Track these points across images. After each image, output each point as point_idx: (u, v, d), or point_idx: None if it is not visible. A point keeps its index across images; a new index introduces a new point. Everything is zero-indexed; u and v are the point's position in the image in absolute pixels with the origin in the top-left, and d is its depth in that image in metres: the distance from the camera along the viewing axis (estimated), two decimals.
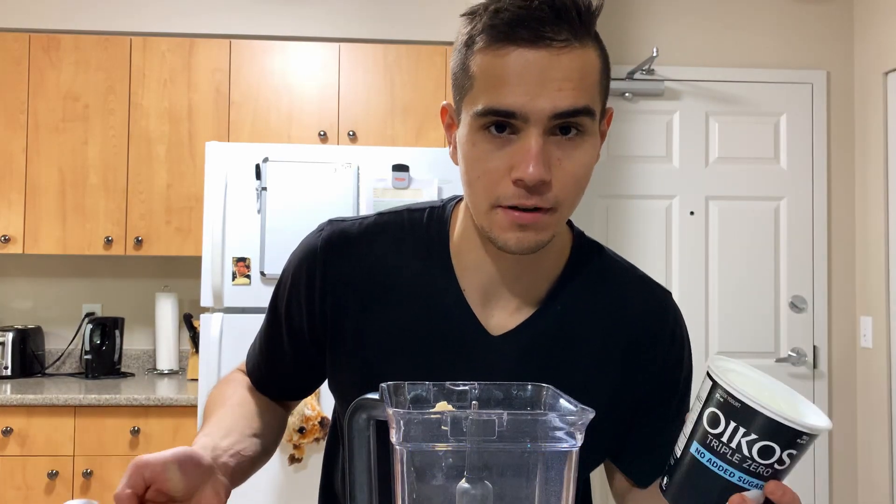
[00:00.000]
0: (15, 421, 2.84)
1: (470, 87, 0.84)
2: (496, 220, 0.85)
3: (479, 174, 0.85)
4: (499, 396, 0.83)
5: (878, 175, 3.19)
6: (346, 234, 0.98)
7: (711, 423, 0.74)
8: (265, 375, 1.07)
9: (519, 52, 0.80)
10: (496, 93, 0.81)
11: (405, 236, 0.97)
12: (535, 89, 0.80)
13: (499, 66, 0.81)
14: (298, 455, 2.62)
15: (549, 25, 0.80)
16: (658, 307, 0.99)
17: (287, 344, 1.02)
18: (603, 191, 3.25)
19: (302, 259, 0.99)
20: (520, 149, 0.81)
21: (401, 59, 3.29)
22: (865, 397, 3.25)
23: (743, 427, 0.72)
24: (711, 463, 0.74)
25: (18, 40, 3.21)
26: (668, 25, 3.34)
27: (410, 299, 0.95)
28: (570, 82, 0.81)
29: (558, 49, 0.80)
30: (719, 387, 0.74)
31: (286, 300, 1.01)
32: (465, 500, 0.68)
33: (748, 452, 0.73)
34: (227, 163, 2.72)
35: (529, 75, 0.80)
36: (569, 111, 0.81)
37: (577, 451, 0.70)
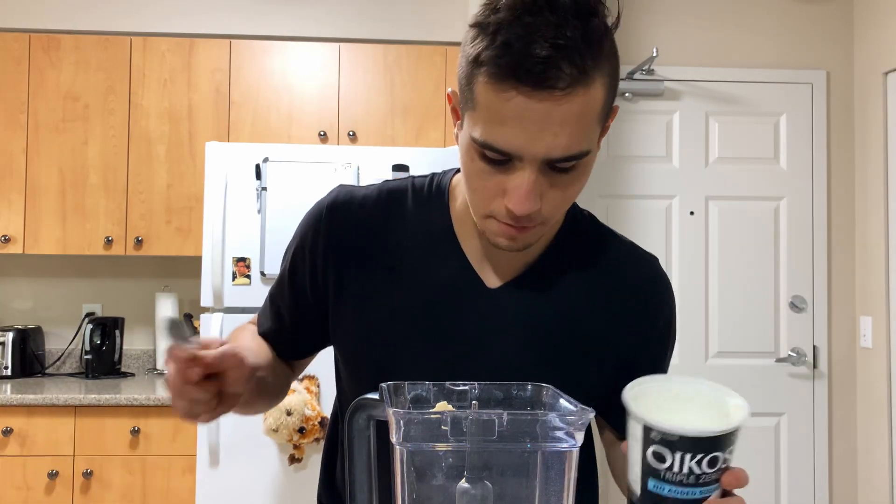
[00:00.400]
0: (15, 421, 2.84)
1: (472, 107, 0.85)
2: (489, 226, 0.91)
3: (475, 186, 0.89)
4: (499, 396, 0.83)
5: (878, 175, 3.19)
6: (352, 196, 1.03)
7: (658, 460, 0.75)
8: (273, 331, 1.10)
9: (519, 98, 0.79)
10: (494, 131, 0.82)
11: (408, 200, 1.02)
12: (531, 135, 0.81)
13: (499, 106, 0.81)
14: (298, 455, 2.62)
15: (554, 69, 0.78)
16: (648, 272, 1.04)
17: (292, 300, 1.06)
18: (603, 191, 3.25)
19: (310, 219, 1.04)
20: (513, 181, 0.84)
21: (401, 59, 3.29)
22: (865, 397, 3.25)
23: (689, 454, 0.74)
24: (672, 493, 0.76)
25: (18, 40, 3.21)
26: (668, 25, 3.34)
27: (412, 257, 0.99)
28: (568, 127, 0.81)
29: (560, 97, 0.79)
30: (652, 428, 0.75)
31: (292, 258, 1.05)
32: (465, 500, 0.68)
33: (699, 470, 0.76)
34: (227, 163, 2.72)
35: (527, 121, 0.80)
36: (561, 158, 0.83)
37: (577, 451, 0.70)
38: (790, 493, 3.27)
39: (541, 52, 0.78)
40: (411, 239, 0.99)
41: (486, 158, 0.85)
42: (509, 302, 0.97)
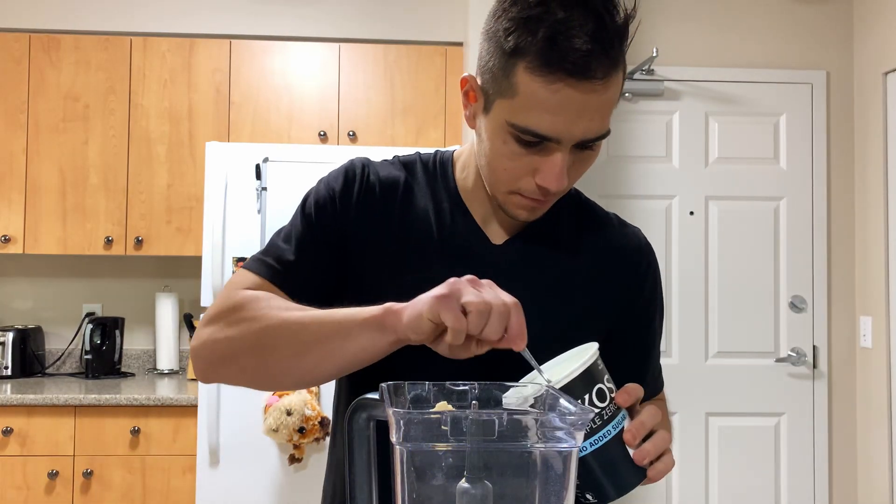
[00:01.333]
0: (15, 421, 2.84)
1: (511, 94, 0.90)
2: (513, 200, 0.99)
3: (505, 167, 0.95)
4: (499, 396, 0.83)
5: (878, 175, 3.19)
6: (372, 162, 1.10)
7: None
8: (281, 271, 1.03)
9: (565, 89, 0.87)
10: (536, 117, 0.89)
11: (417, 169, 1.10)
12: (572, 120, 0.89)
13: (545, 95, 0.88)
14: (298, 455, 2.63)
15: (595, 61, 0.86)
16: (636, 240, 1.13)
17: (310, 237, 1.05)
18: (603, 191, 3.25)
19: (339, 172, 1.08)
20: (547, 162, 0.93)
21: (401, 59, 3.29)
22: (865, 397, 3.25)
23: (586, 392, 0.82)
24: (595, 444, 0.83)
25: (18, 40, 3.21)
26: (668, 25, 3.34)
27: (423, 213, 1.06)
28: (601, 113, 0.90)
29: (598, 86, 0.88)
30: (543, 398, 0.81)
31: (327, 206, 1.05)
32: (465, 500, 0.68)
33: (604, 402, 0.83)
34: (227, 163, 2.72)
35: (569, 109, 0.88)
36: (593, 139, 0.92)
37: (576, 450, 0.70)
38: (790, 493, 3.27)
39: (583, 45, 0.85)
40: (423, 202, 1.06)
41: (520, 141, 0.92)
42: (511, 254, 1.05)
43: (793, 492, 3.27)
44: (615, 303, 1.08)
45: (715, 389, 3.27)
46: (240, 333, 0.95)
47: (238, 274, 1.05)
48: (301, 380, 0.95)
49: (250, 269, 1.04)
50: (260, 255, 1.06)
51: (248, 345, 0.94)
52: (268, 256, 1.05)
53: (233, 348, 0.96)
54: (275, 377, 0.96)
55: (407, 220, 1.05)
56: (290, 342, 0.91)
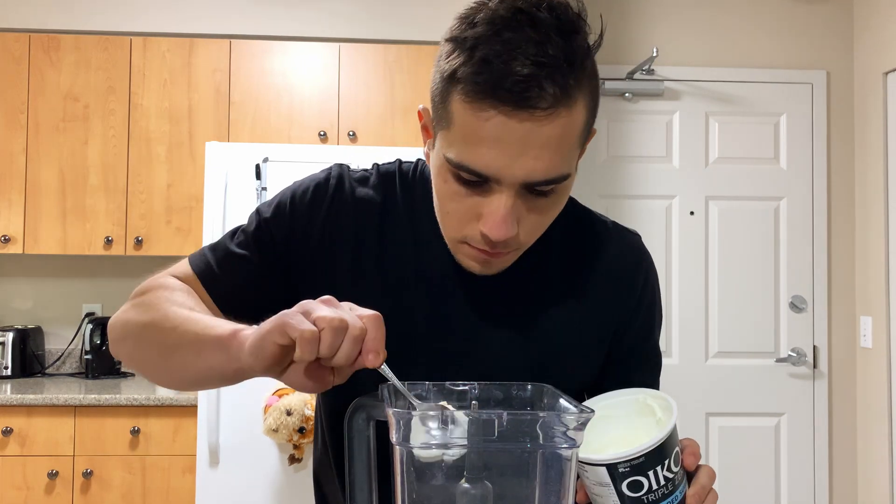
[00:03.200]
0: (15, 421, 2.84)
1: (446, 125, 0.81)
2: (462, 250, 0.88)
3: (448, 209, 0.85)
4: (498, 396, 0.83)
5: (878, 175, 3.19)
6: (353, 174, 1.00)
7: (635, 489, 0.76)
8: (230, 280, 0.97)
9: (499, 118, 0.76)
10: (470, 151, 0.78)
11: (396, 187, 0.99)
12: (511, 157, 0.77)
13: (477, 126, 0.77)
14: (298, 455, 2.63)
15: (535, 88, 0.74)
16: (633, 249, 1.03)
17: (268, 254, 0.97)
18: (603, 191, 3.25)
19: (310, 186, 0.98)
20: (489, 205, 0.81)
21: (401, 59, 3.29)
22: (865, 397, 3.25)
23: (658, 465, 0.76)
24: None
25: (18, 40, 3.21)
26: (668, 25, 3.34)
27: (398, 238, 0.96)
28: (548, 151, 0.78)
29: (541, 118, 0.76)
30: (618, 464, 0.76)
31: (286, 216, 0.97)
32: (464, 500, 0.68)
33: (671, 473, 0.77)
34: (227, 163, 2.72)
35: (506, 142, 0.76)
36: (541, 181, 0.80)
37: (576, 451, 0.70)
38: (790, 493, 3.27)
39: (522, 69, 0.74)
40: (398, 226, 0.97)
41: (460, 180, 0.81)
42: (494, 286, 0.94)
43: (793, 492, 3.27)
44: (611, 324, 1.00)
45: (715, 389, 3.27)
46: (133, 318, 0.92)
47: (180, 262, 1.02)
48: (168, 382, 0.90)
49: (190, 261, 1.00)
50: (206, 250, 1.00)
51: (135, 333, 0.91)
52: (212, 253, 0.99)
53: (125, 331, 0.93)
54: (148, 373, 0.92)
55: (384, 244, 0.96)
56: (160, 342, 0.86)
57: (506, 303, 0.95)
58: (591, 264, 1.00)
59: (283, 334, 0.68)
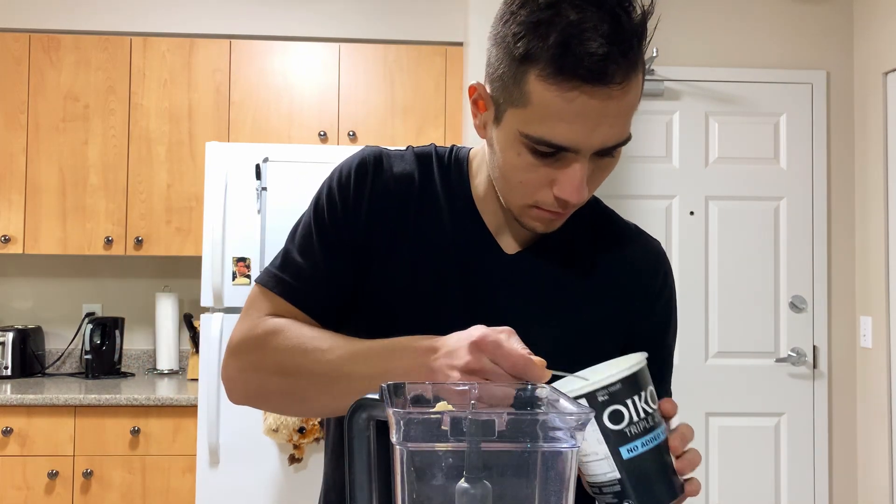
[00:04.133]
0: (15, 421, 2.84)
1: (522, 104, 0.85)
2: (530, 213, 0.94)
3: (520, 179, 0.90)
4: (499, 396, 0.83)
5: (878, 175, 3.19)
6: (387, 153, 1.05)
7: (616, 420, 0.79)
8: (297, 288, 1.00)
9: (582, 97, 0.82)
10: (551, 127, 0.84)
11: (433, 164, 1.04)
12: (591, 129, 0.84)
13: (560, 104, 0.83)
14: (298, 455, 2.63)
15: (612, 65, 0.81)
16: (654, 253, 1.09)
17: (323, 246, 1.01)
18: (603, 191, 3.24)
19: (350, 167, 1.03)
20: (565, 172, 0.87)
21: (401, 59, 3.29)
22: (865, 397, 3.25)
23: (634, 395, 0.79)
24: (645, 444, 0.80)
25: (18, 40, 3.21)
26: (668, 25, 3.34)
27: (436, 217, 1.01)
28: (621, 118, 0.85)
29: (617, 91, 0.82)
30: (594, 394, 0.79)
31: (338, 205, 1.01)
32: (464, 500, 0.69)
33: (650, 407, 0.80)
34: (227, 163, 2.72)
35: (588, 117, 0.83)
36: (613, 146, 0.87)
37: (577, 450, 0.70)
38: (790, 493, 3.27)
39: (599, 49, 0.80)
40: (437, 205, 1.01)
41: (536, 153, 0.87)
42: (525, 266, 1.01)
43: (793, 492, 3.27)
44: (629, 319, 1.04)
45: (715, 389, 3.27)
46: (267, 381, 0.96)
47: (255, 293, 1.03)
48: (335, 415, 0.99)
49: (267, 287, 1.02)
50: (276, 270, 1.02)
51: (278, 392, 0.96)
52: (284, 272, 1.01)
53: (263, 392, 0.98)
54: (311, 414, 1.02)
55: (422, 222, 1.00)
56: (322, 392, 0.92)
57: (534, 283, 1.01)
58: (615, 259, 1.05)
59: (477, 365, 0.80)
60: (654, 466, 0.80)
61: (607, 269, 1.04)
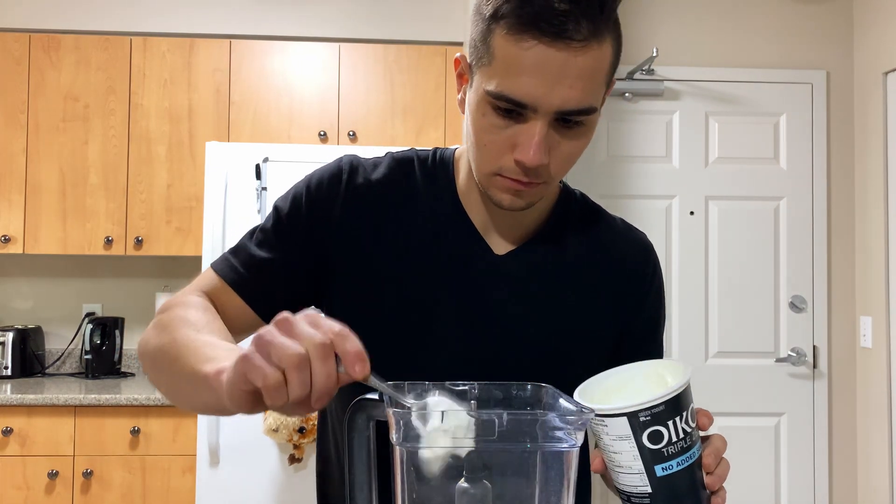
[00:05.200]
0: (15, 421, 2.84)
1: (487, 62, 0.87)
2: (495, 182, 0.93)
3: (485, 142, 0.91)
4: (498, 396, 0.83)
5: (878, 175, 3.19)
6: (365, 161, 1.05)
7: (655, 440, 0.77)
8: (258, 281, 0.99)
9: (539, 47, 0.83)
10: (511, 81, 0.85)
11: (415, 168, 1.05)
12: (548, 85, 0.84)
13: (518, 56, 0.84)
14: (298, 455, 2.63)
15: (572, 22, 0.82)
16: (642, 246, 1.10)
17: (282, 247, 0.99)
18: (603, 191, 3.25)
19: (324, 175, 1.02)
20: (524, 132, 0.87)
21: (401, 59, 3.29)
22: (865, 397, 3.25)
23: (677, 416, 0.78)
24: (681, 463, 0.79)
25: (18, 40, 3.21)
26: (668, 25, 3.34)
27: (420, 221, 1.01)
28: (581, 81, 0.85)
29: (577, 48, 0.84)
30: (639, 412, 0.77)
31: (303, 207, 1.00)
32: (464, 500, 0.68)
33: (689, 427, 0.79)
34: (227, 163, 2.72)
35: (545, 71, 0.84)
36: (574, 111, 0.86)
37: (577, 451, 0.70)
38: (790, 493, 3.27)
39: (561, 5, 0.82)
40: (420, 209, 1.01)
41: (498, 111, 0.87)
42: (514, 266, 1.01)
43: (793, 492, 3.27)
44: (620, 315, 1.05)
45: (715, 389, 3.27)
46: (151, 341, 0.92)
47: (204, 272, 1.03)
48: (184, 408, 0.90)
49: (215, 269, 1.02)
50: (229, 255, 1.02)
51: (150, 356, 0.92)
52: (236, 258, 1.01)
53: (143, 353, 0.94)
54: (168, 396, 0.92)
55: (404, 225, 1.00)
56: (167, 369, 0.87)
57: (524, 282, 1.01)
58: (604, 254, 1.06)
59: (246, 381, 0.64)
60: (685, 484, 0.79)
61: (597, 265, 1.05)
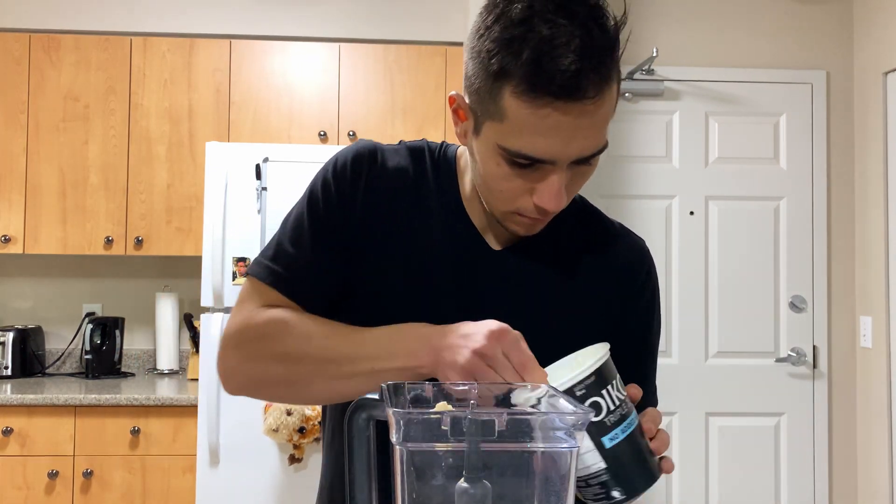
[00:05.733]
0: (15, 421, 2.84)
1: (499, 118, 0.87)
2: (512, 219, 0.96)
3: (501, 188, 0.92)
4: (498, 396, 0.83)
5: (878, 175, 3.19)
6: (381, 147, 1.06)
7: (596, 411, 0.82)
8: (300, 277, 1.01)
9: (555, 113, 0.83)
10: (528, 142, 0.86)
11: (426, 159, 1.06)
12: (565, 142, 0.86)
13: (534, 120, 0.84)
14: (298, 455, 2.63)
15: (584, 81, 0.82)
16: (638, 249, 1.11)
17: (314, 237, 1.01)
18: (603, 191, 3.25)
19: (346, 159, 1.03)
20: (543, 181, 0.89)
21: (401, 59, 3.29)
22: (865, 397, 3.25)
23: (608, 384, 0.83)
24: (624, 430, 0.84)
25: (19, 40, 3.21)
26: (668, 25, 3.34)
27: (426, 211, 1.03)
28: (595, 129, 0.87)
29: (590, 104, 0.84)
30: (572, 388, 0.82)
31: (333, 198, 1.01)
32: (463, 500, 0.69)
33: (622, 394, 0.85)
34: (227, 163, 2.72)
35: (562, 131, 0.85)
36: (590, 156, 0.89)
37: (576, 451, 0.70)
38: (790, 493, 3.27)
39: (571, 65, 0.81)
40: (427, 199, 1.03)
41: (514, 164, 0.88)
42: (511, 262, 1.03)
43: (793, 492, 3.27)
44: (613, 317, 1.06)
45: (715, 389, 3.28)
46: (270, 369, 0.97)
47: (248, 284, 1.03)
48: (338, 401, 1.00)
49: (259, 278, 1.02)
50: (267, 261, 1.02)
51: (281, 379, 0.97)
52: (276, 263, 1.01)
53: (265, 380, 0.99)
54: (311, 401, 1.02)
55: (414, 215, 1.02)
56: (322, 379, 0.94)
57: (520, 279, 1.03)
58: (600, 254, 1.07)
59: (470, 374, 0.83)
60: (634, 450, 0.84)
61: (592, 266, 1.06)
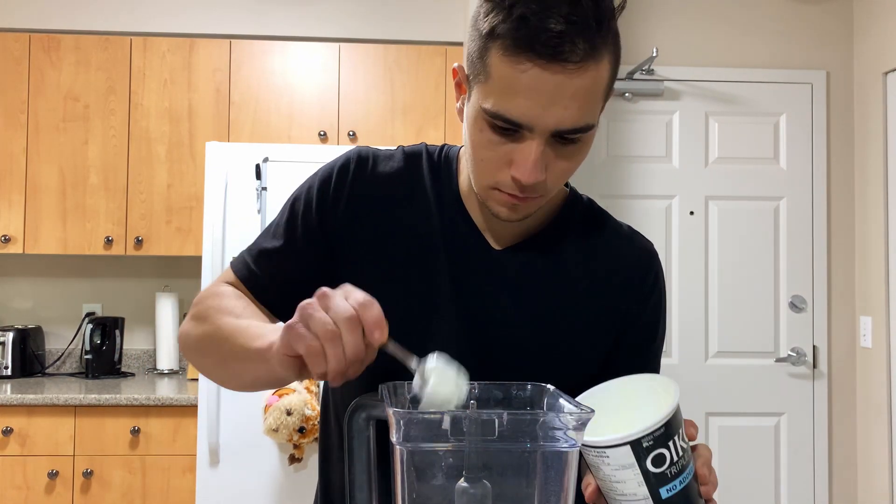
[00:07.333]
0: (15, 421, 2.84)
1: (484, 79, 0.87)
2: (492, 195, 0.94)
3: (482, 157, 0.91)
4: (498, 396, 0.83)
5: (878, 175, 3.19)
6: (377, 153, 1.06)
7: (658, 463, 0.77)
8: (267, 276, 1.03)
9: (535, 70, 0.83)
10: (507, 101, 0.85)
11: (423, 163, 1.06)
12: (544, 106, 0.84)
13: (514, 77, 0.84)
14: (298, 455, 2.63)
15: (568, 43, 0.82)
16: (646, 254, 1.09)
17: (301, 243, 1.02)
18: (603, 191, 3.25)
19: (333, 167, 1.04)
20: (521, 151, 0.87)
21: (401, 59, 3.29)
22: (865, 397, 3.25)
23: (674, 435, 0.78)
24: (682, 481, 0.79)
25: (19, 40, 3.21)
26: (668, 25, 3.34)
27: (424, 214, 1.02)
28: (577, 101, 0.85)
29: (572, 70, 0.83)
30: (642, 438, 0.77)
31: (313, 201, 1.03)
32: (463, 500, 0.68)
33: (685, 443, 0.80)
34: (227, 163, 2.72)
35: (540, 92, 0.83)
36: (569, 130, 0.86)
37: (576, 451, 0.70)
38: (790, 493, 3.27)
39: (556, 26, 0.81)
40: (424, 203, 1.03)
41: (495, 128, 0.87)
42: (513, 263, 1.01)
43: (793, 492, 3.27)
44: (617, 320, 1.04)
45: (715, 389, 3.27)
46: (191, 332, 1.00)
47: (226, 269, 1.08)
48: (231, 387, 0.98)
49: (232, 267, 1.06)
50: (245, 254, 1.07)
51: (193, 346, 0.99)
52: (249, 254, 1.06)
53: (186, 344, 1.01)
54: (213, 379, 1.00)
55: (412, 219, 1.01)
56: (214, 353, 0.94)
57: (521, 279, 1.01)
58: (606, 258, 1.05)
59: (291, 348, 0.74)
60: (687, 500, 0.80)
61: (598, 269, 1.04)
